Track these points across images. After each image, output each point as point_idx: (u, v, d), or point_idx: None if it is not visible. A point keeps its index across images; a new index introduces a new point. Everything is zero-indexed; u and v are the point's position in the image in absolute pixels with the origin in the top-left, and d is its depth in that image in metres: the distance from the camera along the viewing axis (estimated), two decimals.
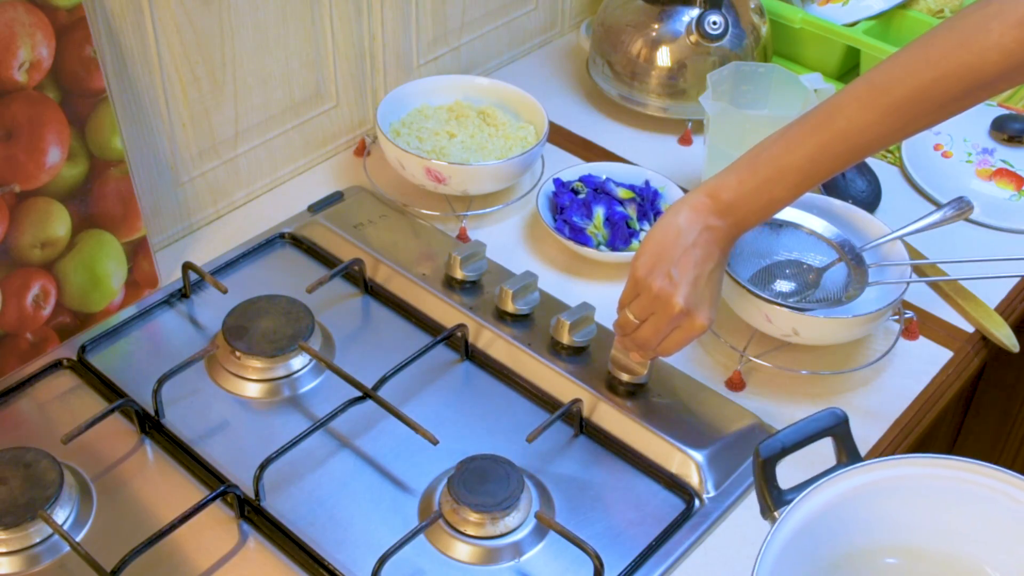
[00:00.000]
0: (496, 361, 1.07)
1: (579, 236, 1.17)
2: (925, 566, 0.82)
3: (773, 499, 0.79)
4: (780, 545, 0.77)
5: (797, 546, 0.77)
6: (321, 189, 1.28)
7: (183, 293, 1.13)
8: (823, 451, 0.83)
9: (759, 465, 0.79)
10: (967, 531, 0.81)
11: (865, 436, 1.03)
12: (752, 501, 0.96)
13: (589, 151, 1.37)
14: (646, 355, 0.99)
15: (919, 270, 1.17)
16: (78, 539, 0.90)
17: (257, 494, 0.92)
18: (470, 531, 0.90)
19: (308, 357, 1.05)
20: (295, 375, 1.04)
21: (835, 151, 0.89)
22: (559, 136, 1.39)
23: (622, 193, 1.22)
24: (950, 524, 0.81)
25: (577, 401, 1.00)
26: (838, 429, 0.82)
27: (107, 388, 1.03)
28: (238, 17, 1.13)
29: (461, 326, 1.07)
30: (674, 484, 0.96)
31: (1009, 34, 0.82)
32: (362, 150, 1.33)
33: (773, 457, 0.80)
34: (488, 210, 1.26)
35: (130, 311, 1.11)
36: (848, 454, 0.83)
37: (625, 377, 1.02)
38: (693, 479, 0.97)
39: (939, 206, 1.14)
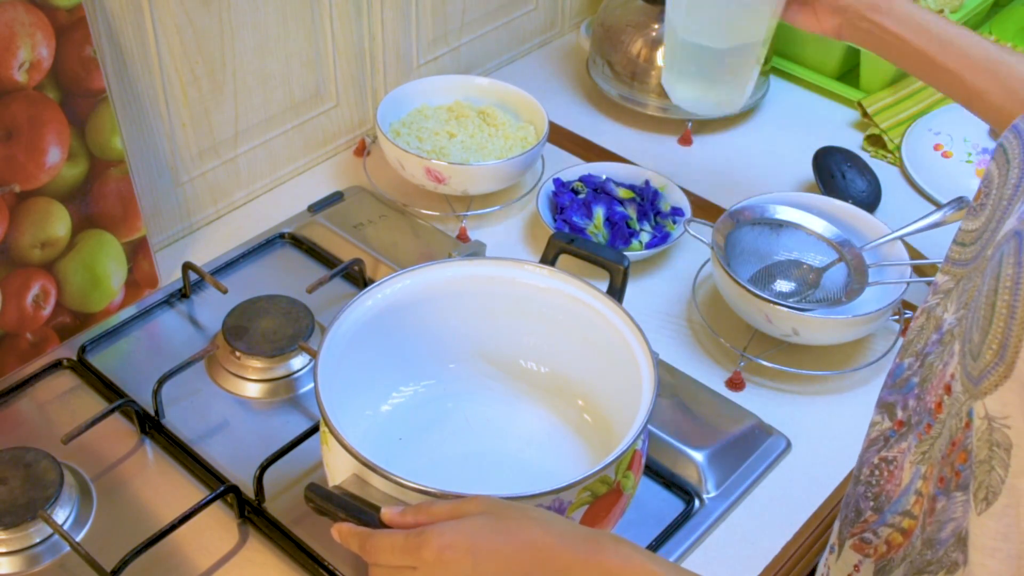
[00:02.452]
0: None
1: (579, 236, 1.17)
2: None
3: None
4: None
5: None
6: (321, 189, 1.28)
7: (183, 293, 1.13)
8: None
9: None
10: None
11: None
12: (752, 501, 0.97)
13: (589, 151, 1.37)
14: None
15: (919, 270, 1.18)
16: (78, 539, 0.90)
17: (257, 494, 0.92)
18: None
19: (308, 357, 1.05)
20: (295, 375, 1.04)
21: None
22: (559, 136, 1.39)
23: (622, 193, 1.22)
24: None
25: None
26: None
27: (107, 388, 1.03)
28: (238, 17, 1.13)
29: None
30: (674, 484, 0.96)
31: None
32: (362, 150, 1.33)
33: None
34: (488, 210, 1.26)
35: (130, 311, 1.11)
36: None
37: None
38: (693, 479, 0.97)
39: (939, 206, 1.14)
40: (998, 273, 0.55)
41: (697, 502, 0.95)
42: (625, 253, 0.99)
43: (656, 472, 0.97)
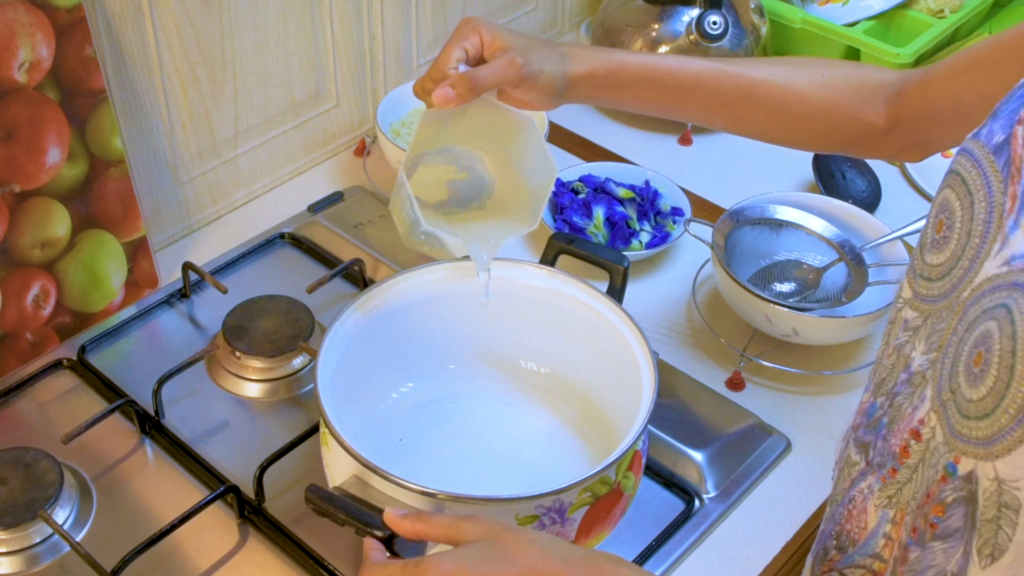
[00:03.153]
0: None
1: (579, 236, 1.17)
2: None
3: None
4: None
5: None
6: (321, 189, 1.28)
7: (183, 293, 1.13)
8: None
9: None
10: None
11: None
12: (752, 501, 0.97)
13: (589, 151, 1.37)
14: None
15: None
16: (78, 539, 0.90)
17: (257, 494, 0.92)
18: None
19: (308, 357, 1.05)
20: (295, 375, 1.04)
21: None
22: (559, 136, 1.39)
23: (622, 193, 1.22)
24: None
25: None
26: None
27: (107, 388, 1.03)
28: (238, 17, 1.13)
29: None
30: (674, 484, 0.96)
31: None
32: (362, 150, 1.33)
33: None
34: None
35: (130, 311, 1.11)
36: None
37: None
38: (693, 479, 0.97)
39: None
40: (1012, 332, 0.53)
41: (697, 502, 0.95)
42: (625, 253, 0.99)
43: (656, 472, 0.97)
